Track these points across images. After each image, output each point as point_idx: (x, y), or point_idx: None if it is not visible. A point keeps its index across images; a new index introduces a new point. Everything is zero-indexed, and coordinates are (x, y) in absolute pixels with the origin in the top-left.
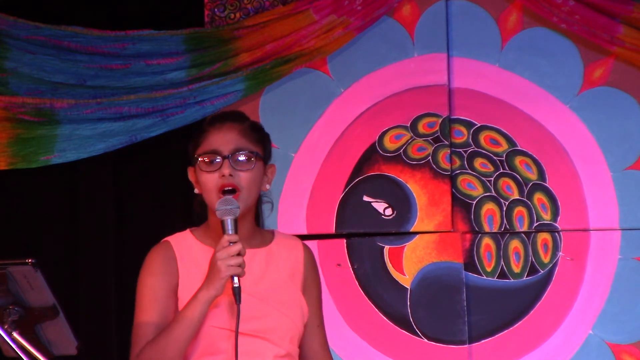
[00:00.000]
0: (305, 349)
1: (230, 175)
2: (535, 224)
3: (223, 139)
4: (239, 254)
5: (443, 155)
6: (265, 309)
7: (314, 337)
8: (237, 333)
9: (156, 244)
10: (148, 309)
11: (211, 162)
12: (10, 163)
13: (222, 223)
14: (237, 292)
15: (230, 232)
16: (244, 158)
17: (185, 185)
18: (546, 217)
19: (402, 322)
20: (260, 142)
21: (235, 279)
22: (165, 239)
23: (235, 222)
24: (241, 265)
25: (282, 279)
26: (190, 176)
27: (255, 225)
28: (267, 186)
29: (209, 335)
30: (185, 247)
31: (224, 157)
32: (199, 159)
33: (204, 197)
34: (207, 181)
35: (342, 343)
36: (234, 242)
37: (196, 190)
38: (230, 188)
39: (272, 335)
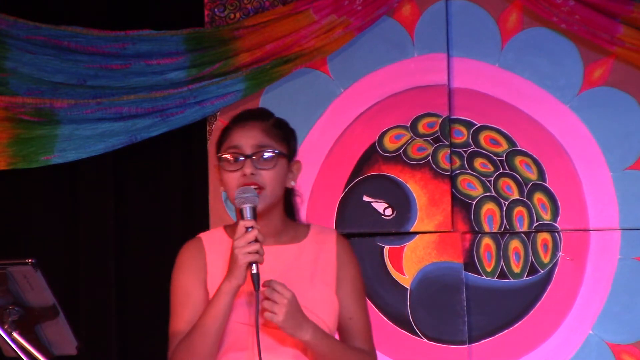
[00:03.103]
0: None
1: (252, 174)
2: (535, 224)
3: (246, 138)
4: (256, 240)
5: (443, 155)
6: None
7: (346, 330)
8: (257, 322)
9: (188, 240)
10: (180, 306)
11: (234, 160)
12: (10, 163)
13: (241, 211)
14: (255, 280)
15: (247, 219)
16: (266, 157)
17: (185, 185)
18: (546, 217)
19: (402, 322)
20: (284, 139)
21: (254, 266)
22: (198, 235)
23: (254, 210)
24: (259, 252)
25: (311, 276)
26: (217, 174)
27: (288, 219)
28: (292, 183)
29: (232, 331)
30: (215, 242)
31: (246, 156)
32: (222, 157)
33: (228, 195)
34: (230, 180)
35: None
36: (251, 229)
37: (222, 188)
38: (253, 187)
39: None
